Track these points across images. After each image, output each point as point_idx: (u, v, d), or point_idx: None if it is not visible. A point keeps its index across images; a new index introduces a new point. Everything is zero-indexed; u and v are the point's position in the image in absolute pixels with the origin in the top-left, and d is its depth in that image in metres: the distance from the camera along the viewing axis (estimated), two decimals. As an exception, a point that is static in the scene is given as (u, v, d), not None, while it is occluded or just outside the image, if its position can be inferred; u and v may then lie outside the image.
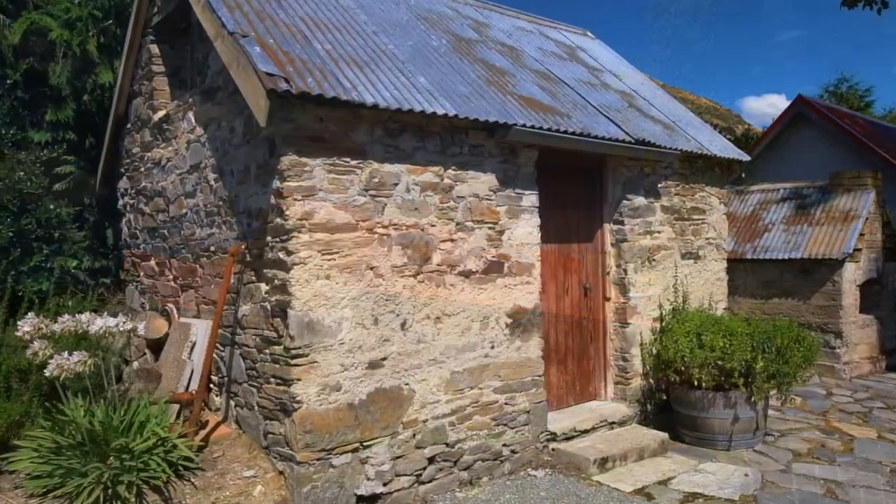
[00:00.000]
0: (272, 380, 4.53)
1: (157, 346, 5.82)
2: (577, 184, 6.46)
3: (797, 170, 11.73)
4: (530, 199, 5.62)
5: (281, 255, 4.36)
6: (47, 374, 4.02)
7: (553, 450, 5.71)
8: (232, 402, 5.16)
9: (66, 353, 4.03)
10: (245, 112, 4.61)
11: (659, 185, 6.83)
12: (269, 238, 4.48)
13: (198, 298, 5.69)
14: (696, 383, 6.09)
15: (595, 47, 8.88)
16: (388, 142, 4.75)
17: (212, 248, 5.40)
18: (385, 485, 4.66)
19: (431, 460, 4.95)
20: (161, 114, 6.20)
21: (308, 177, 4.35)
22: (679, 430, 6.42)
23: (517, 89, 5.96)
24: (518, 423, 5.51)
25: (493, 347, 5.35)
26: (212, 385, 5.49)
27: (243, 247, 4.79)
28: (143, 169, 6.67)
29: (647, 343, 6.57)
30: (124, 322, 4.07)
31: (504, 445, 5.41)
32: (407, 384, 4.82)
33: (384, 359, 4.70)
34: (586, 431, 6.00)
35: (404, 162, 4.84)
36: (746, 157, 7.70)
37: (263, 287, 4.60)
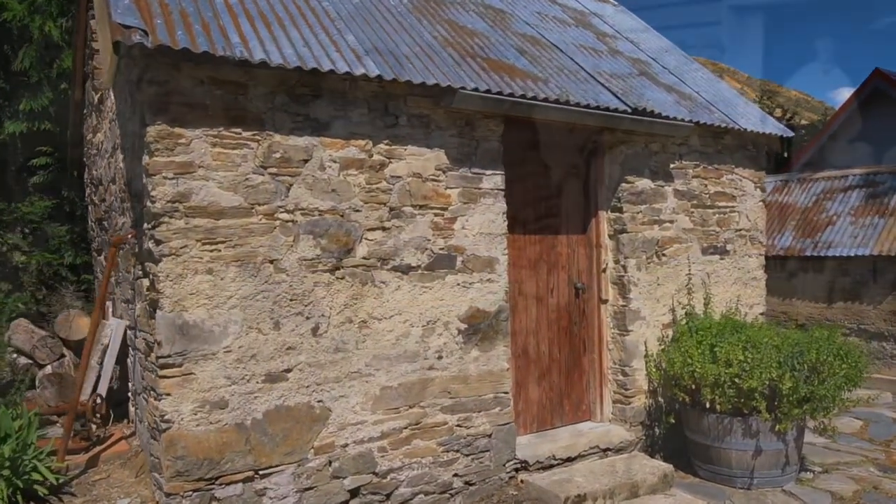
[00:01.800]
0: (152, 392, 3.83)
1: (81, 347, 5.25)
2: (566, 163, 5.44)
3: (872, 154, 10.12)
4: (493, 180, 4.69)
5: (151, 244, 3.64)
6: None
7: (522, 482, 4.75)
8: (137, 416, 4.52)
9: None
10: (131, 78, 3.93)
11: (671, 166, 5.71)
12: (144, 224, 3.78)
13: (119, 295, 5.09)
14: (708, 405, 4.99)
15: (614, 14, 7.77)
16: (296, 110, 3.95)
17: (125, 240, 4.78)
18: (288, 522, 3.87)
19: (354, 493, 4.11)
20: (100, 94, 5.67)
21: (183, 151, 3.61)
22: (692, 461, 5.31)
23: (485, 52, 5.03)
24: (475, 448, 4.58)
25: (440, 358, 4.45)
26: (129, 395, 4.88)
27: (129, 236, 4.13)
28: (92, 156, 6.18)
29: (653, 354, 5.48)
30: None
31: (455, 476, 4.50)
32: (320, 401, 4.00)
33: (288, 370, 3.90)
34: (570, 459, 4.99)
35: (318, 134, 4.02)
36: (788, 133, 6.41)
37: (146, 283, 3.91)
